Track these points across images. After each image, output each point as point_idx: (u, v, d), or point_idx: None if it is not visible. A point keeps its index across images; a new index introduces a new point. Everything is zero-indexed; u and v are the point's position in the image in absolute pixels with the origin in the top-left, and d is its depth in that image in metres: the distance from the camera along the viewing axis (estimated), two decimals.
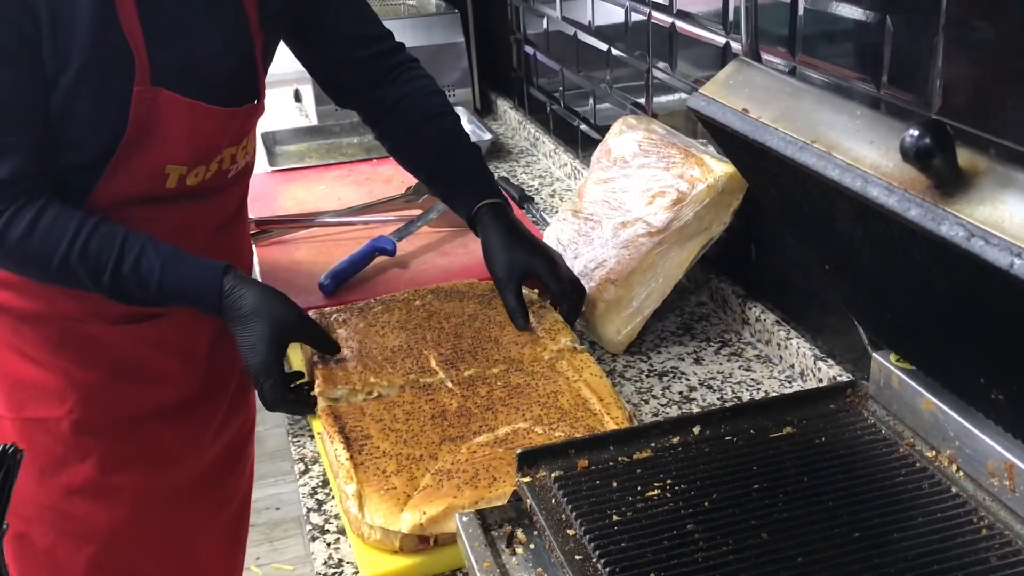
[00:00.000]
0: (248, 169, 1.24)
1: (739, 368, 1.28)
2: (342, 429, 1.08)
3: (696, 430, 0.95)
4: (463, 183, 1.25)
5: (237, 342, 1.06)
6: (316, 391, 1.11)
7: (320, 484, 1.11)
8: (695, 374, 1.27)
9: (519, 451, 0.91)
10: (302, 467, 1.14)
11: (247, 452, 1.42)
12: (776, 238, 1.31)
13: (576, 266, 1.37)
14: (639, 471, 0.90)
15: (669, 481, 0.88)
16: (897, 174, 0.67)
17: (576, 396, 1.13)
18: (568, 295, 1.19)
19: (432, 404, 1.10)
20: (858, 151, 0.70)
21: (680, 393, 1.24)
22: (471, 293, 1.24)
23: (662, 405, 1.21)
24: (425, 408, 1.10)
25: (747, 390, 1.23)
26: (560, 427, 1.08)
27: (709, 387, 1.25)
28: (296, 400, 1.09)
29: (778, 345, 1.29)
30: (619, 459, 0.92)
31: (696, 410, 1.20)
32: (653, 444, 0.94)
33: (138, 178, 1.08)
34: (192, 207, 1.15)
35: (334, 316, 1.13)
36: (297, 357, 1.25)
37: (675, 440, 0.94)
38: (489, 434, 1.08)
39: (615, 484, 0.88)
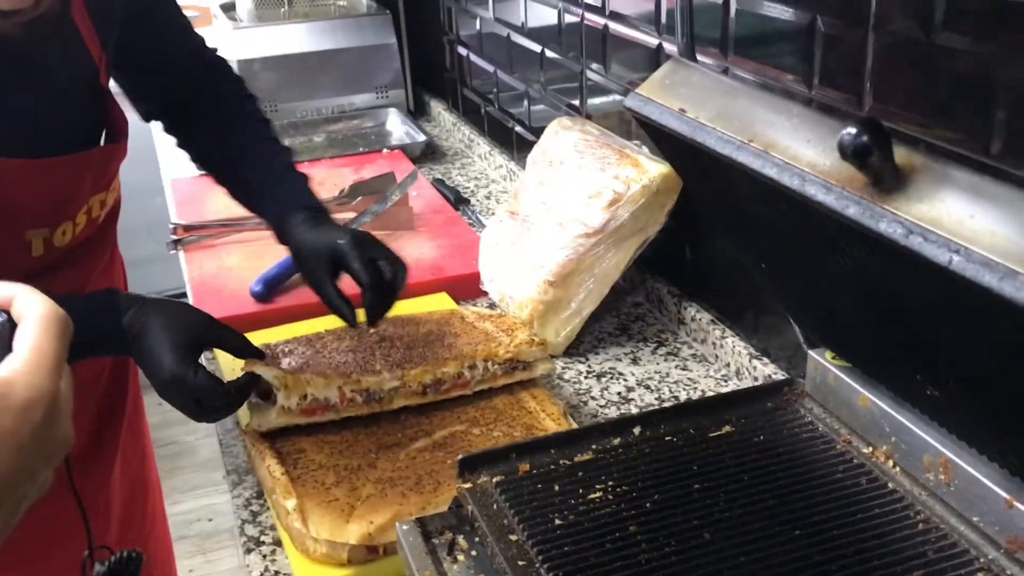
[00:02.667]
0: (117, 207, 1.17)
1: (676, 368, 1.29)
2: (273, 445, 1.07)
3: (636, 431, 0.95)
4: (266, 189, 1.15)
5: (141, 367, 0.98)
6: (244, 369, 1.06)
7: (254, 495, 1.09)
8: (633, 374, 1.28)
9: (460, 457, 0.90)
10: (235, 478, 1.12)
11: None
12: (711, 238, 1.32)
13: (514, 268, 1.37)
14: (581, 474, 0.89)
15: (611, 483, 0.88)
16: (835, 172, 0.67)
17: (509, 395, 1.14)
18: (373, 279, 1.03)
19: (363, 412, 1.10)
20: (795, 150, 0.70)
21: (618, 394, 1.24)
22: (430, 319, 1.22)
23: (601, 406, 1.21)
24: (357, 417, 1.10)
25: (684, 389, 1.24)
26: (497, 427, 1.09)
27: (647, 387, 1.25)
28: (225, 406, 1.02)
29: (714, 344, 1.29)
30: (560, 462, 0.91)
31: (635, 411, 1.20)
32: (594, 446, 0.93)
33: None
34: (68, 274, 1.07)
35: (280, 347, 1.11)
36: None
37: (616, 442, 0.94)
38: (426, 439, 1.09)
39: (557, 488, 0.88)
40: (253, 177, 1.15)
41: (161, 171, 1.96)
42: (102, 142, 1.07)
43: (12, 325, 0.53)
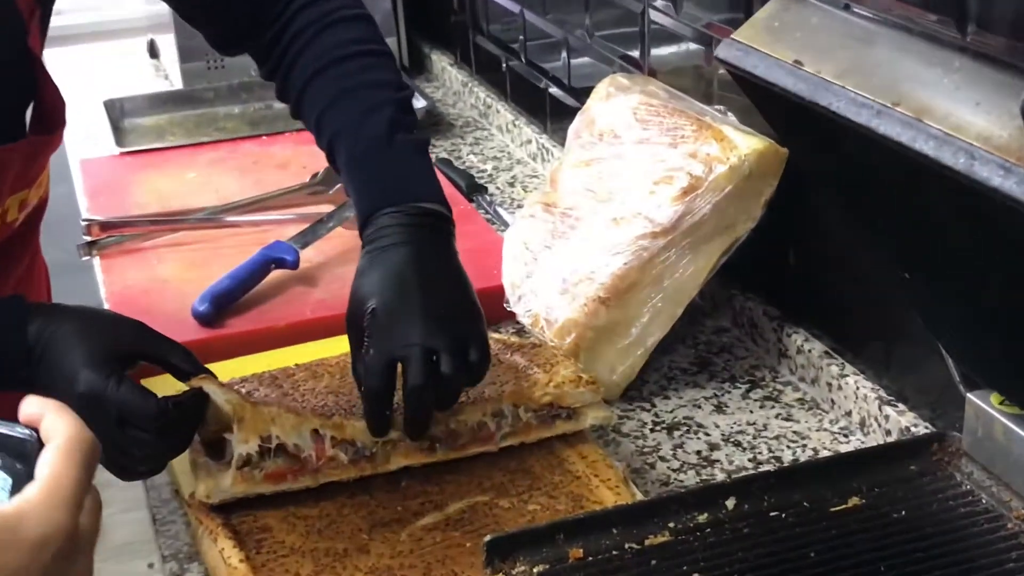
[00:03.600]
0: (42, 205, 1.21)
1: (777, 417, 1.29)
2: (228, 521, 1.07)
3: (730, 504, 0.96)
4: (365, 168, 1.14)
5: (49, 392, 0.97)
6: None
7: None
8: (717, 426, 1.28)
9: (488, 539, 0.91)
10: (175, 567, 1.11)
11: None
12: (827, 238, 1.31)
13: (552, 281, 1.37)
14: (655, 562, 0.91)
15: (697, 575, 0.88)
16: (1016, 147, 0.67)
17: (549, 453, 1.15)
18: (421, 379, 1.02)
19: (350, 475, 1.10)
20: (959, 116, 0.70)
21: (698, 453, 1.23)
22: None
23: (673, 470, 1.21)
24: (340, 483, 1.10)
25: (789, 447, 1.24)
26: (534, 498, 1.10)
27: (737, 444, 1.24)
28: (160, 432, 1.00)
29: (828, 385, 1.29)
30: (626, 546, 0.92)
31: (722, 476, 1.18)
32: (672, 524, 0.94)
33: None
34: None
35: (235, 387, 1.12)
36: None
37: (702, 519, 0.95)
38: (436, 513, 1.08)
39: None
40: (340, 145, 1.15)
41: (66, 147, 1.96)
42: (27, 124, 1.09)
43: (40, 446, 0.63)
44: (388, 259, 1.07)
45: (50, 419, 0.63)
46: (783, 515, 0.94)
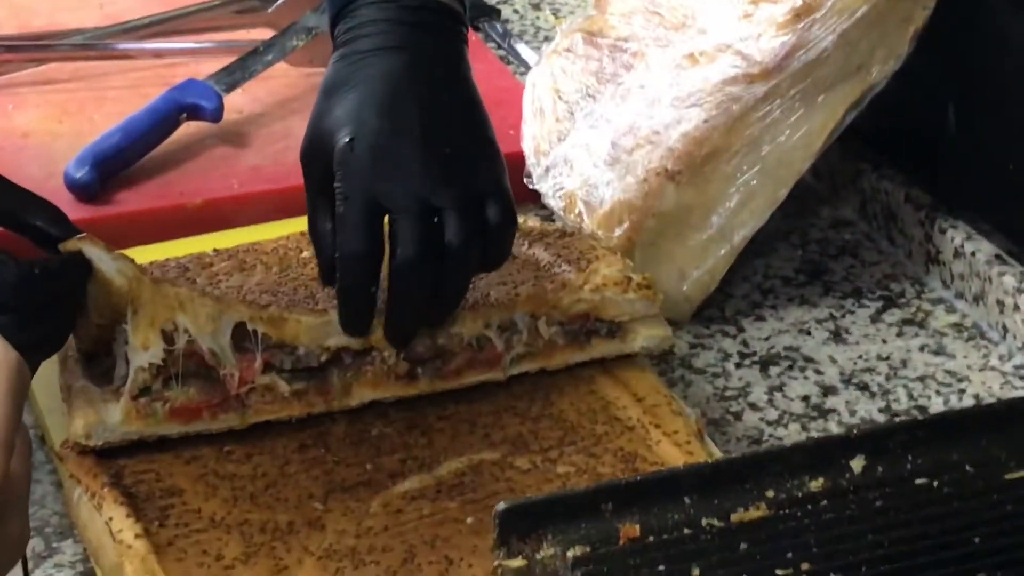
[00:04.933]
0: None
1: (922, 350, 1.30)
2: (117, 477, 1.07)
3: (857, 465, 0.95)
4: None
5: None
6: None
7: None
8: (834, 362, 1.28)
9: (500, 506, 0.90)
10: (39, 547, 1.11)
11: None
12: (1004, 89, 1.31)
13: (595, 144, 1.37)
14: (744, 546, 0.90)
15: (808, 565, 0.88)
16: None
17: (587, 389, 1.16)
18: (414, 251, 1.05)
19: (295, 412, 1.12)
20: None
21: (805, 399, 1.25)
22: None
23: (769, 423, 1.22)
24: (284, 429, 1.11)
25: (940, 392, 1.25)
26: (565, 455, 1.10)
27: (863, 387, 1.25)
28: (25, 299, 0.99)
29: (999, 304, 1.30)
30: (703, 522, 0.91)
31: (840, 430, 1.20)
32: (771, 493, 0.94)
33: None
34: None
35: None
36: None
37: (815, 485, 0.94)
38: (423, 475, 1.08)
39: (698, 572, 0.88)
40: None
41: None
42: None
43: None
44: (372, 69, 1.08)
45: None
46: (934, 483, 0.94)
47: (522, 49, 1.74)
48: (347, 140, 1.05)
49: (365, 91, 1.07)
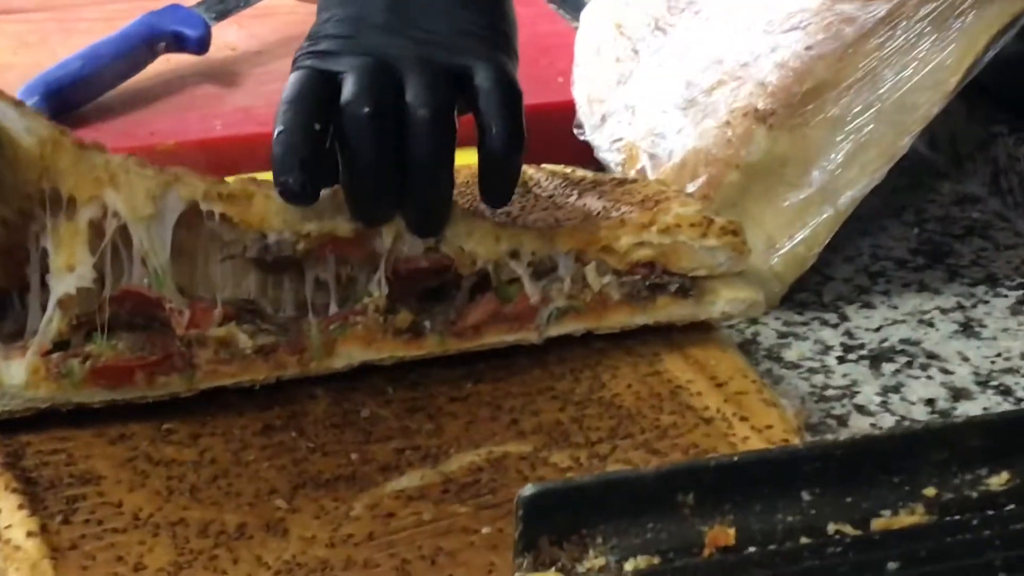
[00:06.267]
0: None
1: None
2: (15, 457, 1.01)
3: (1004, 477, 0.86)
4: None
5: None
6: None
7: None
8: (964, 359, 1.23)
9: (525, 491, 0.78)
10: None
11: None
12: None
13: (664, 85, 1.33)
14: (893, 566, 0.79)
15: None
16: None
17: (651, 374, 1.10)
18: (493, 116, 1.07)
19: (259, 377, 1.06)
20: None
21: (929, 403, 1.19)
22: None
23: (882, 429, 1.16)
24: (242, 403, 1.07)
25: None
26: (623, 450, 1.03)
27: (1003, 391, 1.20)
28: None
29: None
30: (829, 528, 0.82)
31: None
32: (931, 491, 0.85)
33: None
34: None
35: None
36: None
37: (995, 481, 0.85)
38: (424, 469, 1.02)
39: None
40: None
41: None
42: None
43: None
44: None
45: None
46: None
47: None
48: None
49: None
